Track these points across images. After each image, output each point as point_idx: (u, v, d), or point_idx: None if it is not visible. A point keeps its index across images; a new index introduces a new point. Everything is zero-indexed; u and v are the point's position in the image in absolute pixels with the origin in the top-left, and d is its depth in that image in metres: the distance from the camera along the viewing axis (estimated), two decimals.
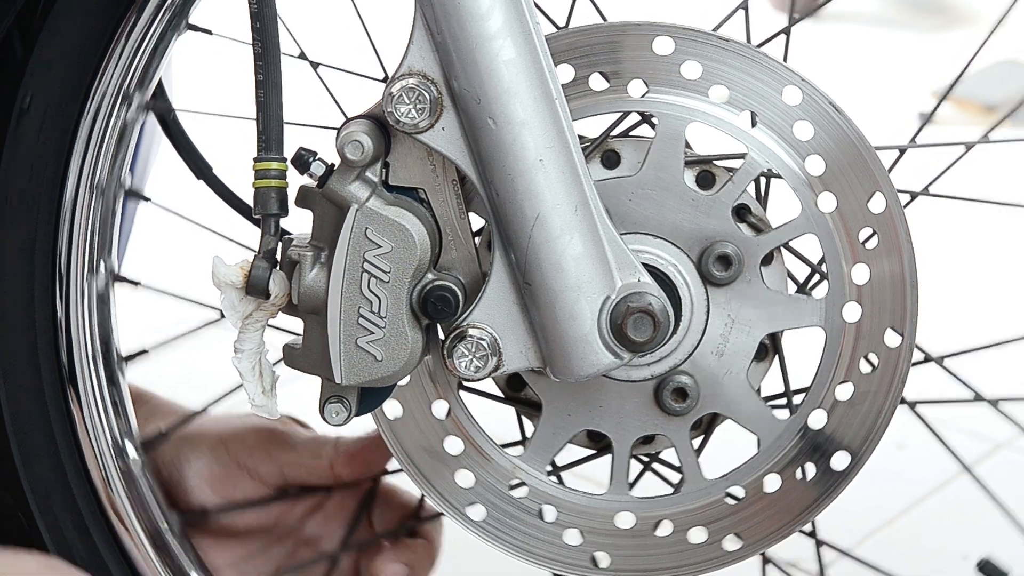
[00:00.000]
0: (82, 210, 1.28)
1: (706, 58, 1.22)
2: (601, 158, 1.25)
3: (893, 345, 1.24)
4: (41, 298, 1.28)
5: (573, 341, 1.17)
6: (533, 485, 1.28)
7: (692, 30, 1.22)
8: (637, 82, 1.22)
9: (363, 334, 1.17)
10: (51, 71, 1.25)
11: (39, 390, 1.30)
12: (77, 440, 1.32)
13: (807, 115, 1.22)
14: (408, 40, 1.15)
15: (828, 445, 1.26)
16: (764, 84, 1.22)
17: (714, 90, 1.22)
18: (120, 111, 1.27)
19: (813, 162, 1.23)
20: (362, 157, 1.16)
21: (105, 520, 1.33)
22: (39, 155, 1.26)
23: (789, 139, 1.23)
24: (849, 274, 1.24)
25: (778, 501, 1.27)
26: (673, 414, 1.26)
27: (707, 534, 1.28)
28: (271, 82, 1.18)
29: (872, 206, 1.23)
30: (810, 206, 1.23)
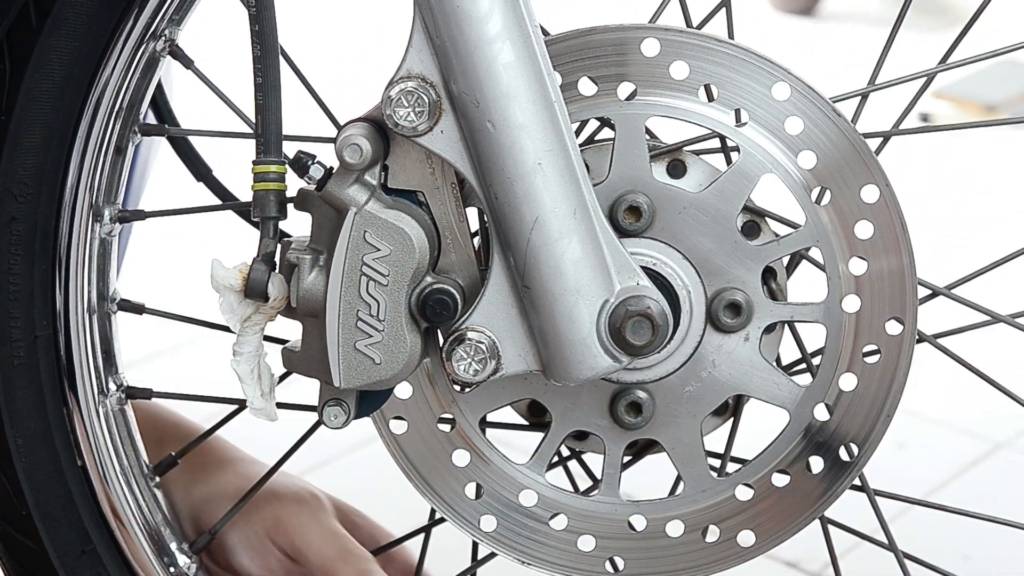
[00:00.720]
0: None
1: (810, 119, 1.22)
2: (668, 165, 1.25)
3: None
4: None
5: (571, 344, 1.17)
6: (462, 427, 1.28)
7: (810, 87, 1.22)
8: (742, 112, 1.23)
9: (362, 337, 1.17)
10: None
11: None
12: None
13: (873, 217, 1.23)
14: (407, 43, 1.15)
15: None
16: (853, 178, 1.23)
17: (803, 156, 1.23)
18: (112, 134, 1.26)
19: (856, 264, 1.24)
20: (360, 160, 1.16)
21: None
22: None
23: (849, 237, 1.23)
24: (837, 380, 1.26)
25: (677, 548, 1.29)
26: (619, 424, 1.26)
27: (595, 542, 1.29)
28: (270, 85, 1.18)
29: (889, 328, 1.25)
30: (835, 305, 1.24)
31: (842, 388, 1.26)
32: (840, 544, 1.35)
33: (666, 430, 1.26)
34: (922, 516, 1.87)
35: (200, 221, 1.53)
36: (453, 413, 1.28)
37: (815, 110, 1.22)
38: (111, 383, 1.30)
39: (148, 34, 1.23)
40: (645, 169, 1.22)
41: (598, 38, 1.22)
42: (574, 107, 1.22)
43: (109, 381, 1.30)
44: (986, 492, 2.09)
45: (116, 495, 1.30)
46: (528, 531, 1.29)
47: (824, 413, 1.26)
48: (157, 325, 1.41)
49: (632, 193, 1.22)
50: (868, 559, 1.37)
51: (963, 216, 2.96)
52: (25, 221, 1.24)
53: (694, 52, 1.22)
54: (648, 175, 1.22)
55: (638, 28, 1.22)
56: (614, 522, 1.29)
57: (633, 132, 1.22)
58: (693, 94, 1.22)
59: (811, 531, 1.30)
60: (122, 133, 1.26)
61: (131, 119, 1.26)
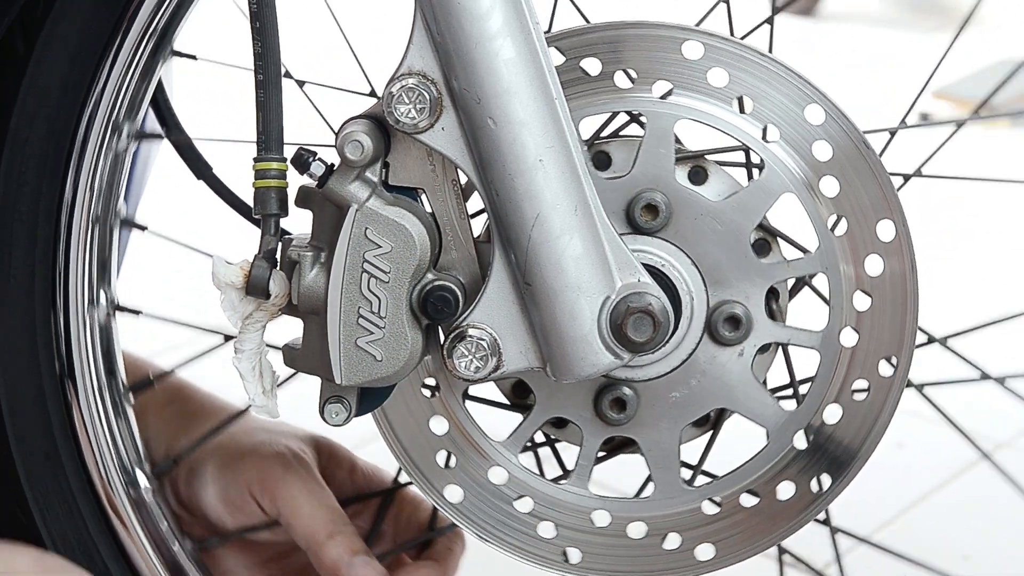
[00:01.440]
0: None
1: (839, 146, 1.23)
2: (690, 170, 1.25)
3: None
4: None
5: (573, 341, 1.17)
6: (445, 396, 1.28)
7: (844, 115, 1.22)
8: (772, 128, 1.23)
9: (363, 334, 1.17)
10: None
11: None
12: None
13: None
14: (408, 40, 1.15)
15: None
16: (872, 212, 1.23)
17: (826, 182, 1.23)
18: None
19: (860, 298, 1.24)
20: (362, 157, 1.16)
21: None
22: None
23: (858, 270, 1.24)
24: (823, 410, 1.26)
25: (635, 549, 1.29)
26: (601, 418, 1.26)
27: (555, 530, 1.29)
28: (271, 82, 1.18)
29: (881, 368, 1.25)
30: (833, 336, 1.25)
31: (825, 420, 1.26)
32: (840, 544, 1.35)
33: (646, 431, 1.27)
34: (922, 516, 1.88)
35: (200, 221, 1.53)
36: (438, 380, 1.28)
37: (845, 139, 1.22)
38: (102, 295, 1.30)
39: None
40: (669, 170, 1.22)
41: (640, 32, 1.22)
42: (607, 97, 1.22)
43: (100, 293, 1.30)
44: (986, 492, 2.09)
45: (87, 410, 1.30)
46: (492, 508, 1.29)
47: (803, 441, 1.27)
48: (156, 324, 1.41)
49: (652, 191, 1.22)
50: (867, 560, 1.37)
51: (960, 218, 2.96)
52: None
53: (736, 62, 1.22)
54: (671, 176, 1.22)
55: (683, 29, 1.22)
56: (578, 514, 1.29)
57: (663, 131, 1.22)
58: (727, 103, 1.22)
59: (811, 531, 1.30)
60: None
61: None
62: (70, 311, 1.28)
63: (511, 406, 1.33)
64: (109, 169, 1.28)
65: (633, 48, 1.22)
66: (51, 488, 1.31)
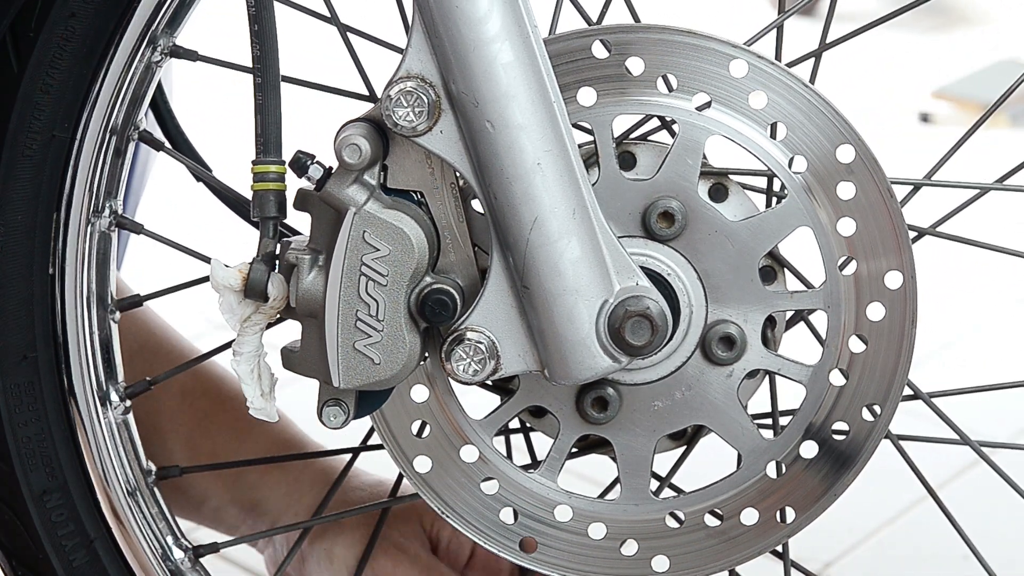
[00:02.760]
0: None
1: (863, 189, 1.23)
2: (712, 186, 1.25)
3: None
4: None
5: (571, 345, 1.17)
6: (428, 365, 1.27)
7: (875, 159, 1.22)
8: (800, 159, 1.23)
9: (361, 337, 1.17)
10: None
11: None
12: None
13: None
14: (406, 43, 1.15)
15: None
16: (883, 259, 1.24)
17: (844, 222, 1.23)
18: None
19: (855, 342, 1.25)
20: (360, 160, 1.16)
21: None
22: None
23: (859, 313, 1.24)
24: (799, 445, 1.26)
25: (591, 550, 1.30)
26: (581, 414, 1.26)
27: (516, 517, 1.30)
28: (269, 85, 1.18)
29: (864, 414, 1.26)
30: (823, 374, 1.25)
31: (802, 454, 1.27)
32: (839, 544, 1.35)
33: (622, 435, 1.26)
34: (922, 516, 1.88)
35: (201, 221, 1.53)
36: (428, 350, 1.27)
37: (870, 183, 1.22)
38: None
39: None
40: (692, 182, 1.22)
41: (691, 41, 1.21)
42: (644, 99, 1.22)
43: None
44: (986, 492, 2.09)
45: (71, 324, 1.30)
46: (458, 485, 1.29)
47: (774, 471, 1.27)
48: None
49: (672, 199, 1.22)
50: (868, 559, 1.37)
51: None
52: None
53: (778, 87, 1.21)
54: (693, 187, 1.22)
55: (733, 46, 1.21)
56: (542, 505, 1.28)
57: (694, 142, 1.21)
58: (761, 127, 1.22)
59: (812, 531, 1.30)
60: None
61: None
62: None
63: (492, 387, 1.32)
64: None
65: (680, 55, 1.21)
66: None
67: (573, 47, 1.22)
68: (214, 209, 1.48)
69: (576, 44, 1.22)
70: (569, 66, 1.22)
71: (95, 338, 1.29)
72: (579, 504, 1.28)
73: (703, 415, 1.26)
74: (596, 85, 1.22)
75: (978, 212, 1.37)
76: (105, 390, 1.30)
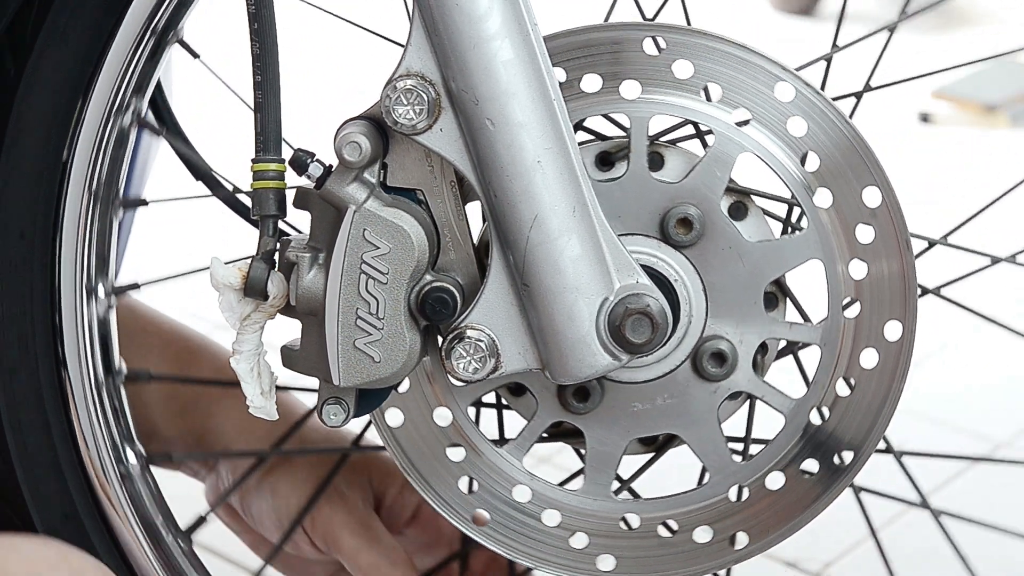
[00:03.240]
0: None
1: (881, 233, 1.23)
2: (733, 203, 1.24)
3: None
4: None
5: (571, 342, 1.17)
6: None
7: (899, 207, 1.22)
8: (826, 193, 1.22)
9: (361, 335, 1.17)
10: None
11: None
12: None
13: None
14: (406, 41, 1.15)
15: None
16: (887, 308, 1.24)
17: (856, 264, 1.23)
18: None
19: (842, 385, 1.25)
20: (360, 158, 1.16)
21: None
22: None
23: (853, 357, 1.24)
24: (766, 475, 1.26)
25: (542, 535, 1.30)
26: (561, 401, 1.26)
27: (474, 487, 1.29)
28: (269, 83, 1.18)
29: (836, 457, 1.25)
30: (804, 410, 1.25)
31: (767, 485, 1.27)
32: (839, 544, 1.35)
33: (597, 429, 1.26)
34: (922, 516, 1.88)
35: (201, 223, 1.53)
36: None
37: (891, 231, 1.22)
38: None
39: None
40: (717, 194, 1.21)
41: (744, 56, 1.21)
42: (686, 104, 1.22)
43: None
44: (986, 492, 2.09)
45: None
46: (425, 445, 1.28)
47: (735, 495, 1.27)
48: None
49: (693, 207, 1.21)
50: (868, 559, 1.37)
51: None
52: None
53: (818, 116, 1.21)
54: (716, 200, 1.21)
55: (784, 68, 1.21)
56: (503, 481, 1.28)
57: (726, 156, 1.21)
58: (796, 154, 1.22)
59: (812, 531, 1.30)
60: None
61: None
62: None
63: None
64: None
65: (729, 67, 1.21)
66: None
67: (624, 38, 1.21)
68: (213, 207, 1.48)
69: (629, 36, 1.21)
70: (618, 56, 1.21)
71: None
72: (539, 487, 1.28)
73: (680, 425, 1.26)
74: (642, 81, 1.21)
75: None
76: (94, 285, 1.30)
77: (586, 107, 1.22)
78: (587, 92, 1.22)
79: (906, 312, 1.23)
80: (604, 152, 1.25)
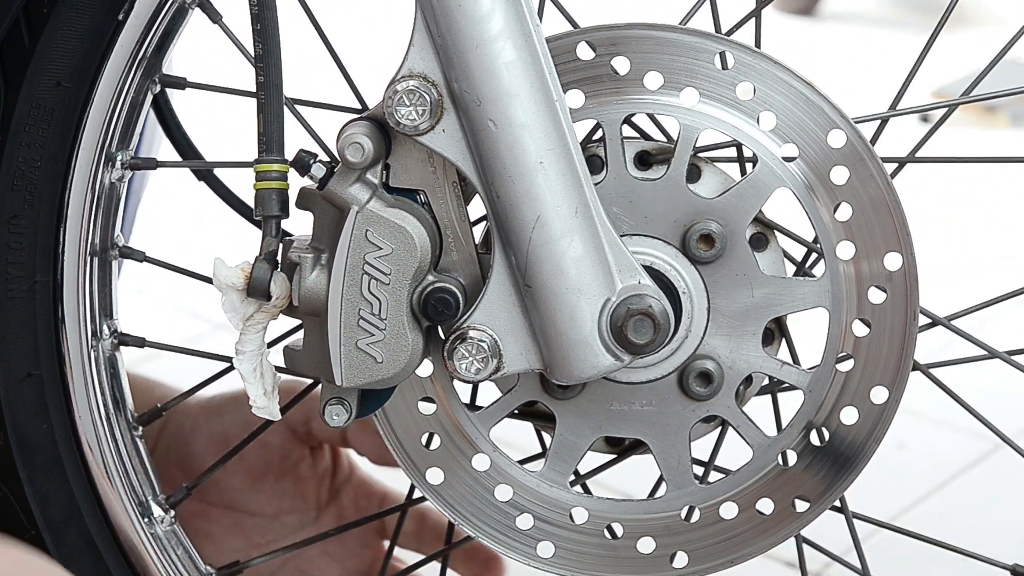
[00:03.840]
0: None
1: (890, 300, 1.23)
2: (755, 232, 1.25)
3: None
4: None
5: (573, 343, 1.17)
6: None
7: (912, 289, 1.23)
8: (848, 246, 1.23)
9: (363, 336, 1.17)
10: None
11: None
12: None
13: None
14: (409, 42, 1.15)
15: None
16: (877, 374, 1.24)
17: (858, 325, 1.23)
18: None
19: (815, 435, 1.25)
20: (362, 159, 1.16)
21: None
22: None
23: (833, 413, 1.25)
24: (721, 504, 1.27)
25: (489, 508, 1.30)
26: (544, 383, 1.26)
27: (437, 443, 1.29)
28: (272, 84, 1.18)
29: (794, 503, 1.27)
30: (775, 450, 1.26)
31: (722, 514, 1.27)
32: (839, 544, 1.35)
33: (568, 417, 1.27)
34: (922, 516, 1.88)
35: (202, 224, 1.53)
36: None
37: (901, 296, 1.22)
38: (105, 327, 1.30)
39: None
40: (745, 219, 1.21)
41: (807, 94, 1.21)
42: (738, 126, 1.21)
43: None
44: (986, 492, 2.09)
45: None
46: (401, 398, 1.28)
47: (685, 513, 1.28)
48: (156, 324, 1.41)
49: (720, 226, 1.21)
50: (868, 559, 1.37)
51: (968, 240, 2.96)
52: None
53: (862, 173, 1.21)
54: (743, 225, 1.21)
55: (842, 116, 1.21)
56: (465, 446, 1.28)
57: (766, 186, 1.21)
58: (829, 202, 1.21)
59: (812, 531, 1.30)
60: None
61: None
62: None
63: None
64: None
65: (790, 100, 1.21)
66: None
67: (699, 47, 1.21)
68: (216, 208, 1.48)
69: (704, 47, 1.21)
70: (686, 62, 1.21)
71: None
72: (499, 461, 1.28)
73: (651, 434, 1.26)
74: (702, 92, 1.21)
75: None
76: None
77: (641, 104, 1.22)
78: (649, 88, 1.22)
79: (895, 381, 1.24)
80: (644, 152, 1.25)
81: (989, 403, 2.17)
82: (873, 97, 1.31)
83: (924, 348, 1.25)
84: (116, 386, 1.31)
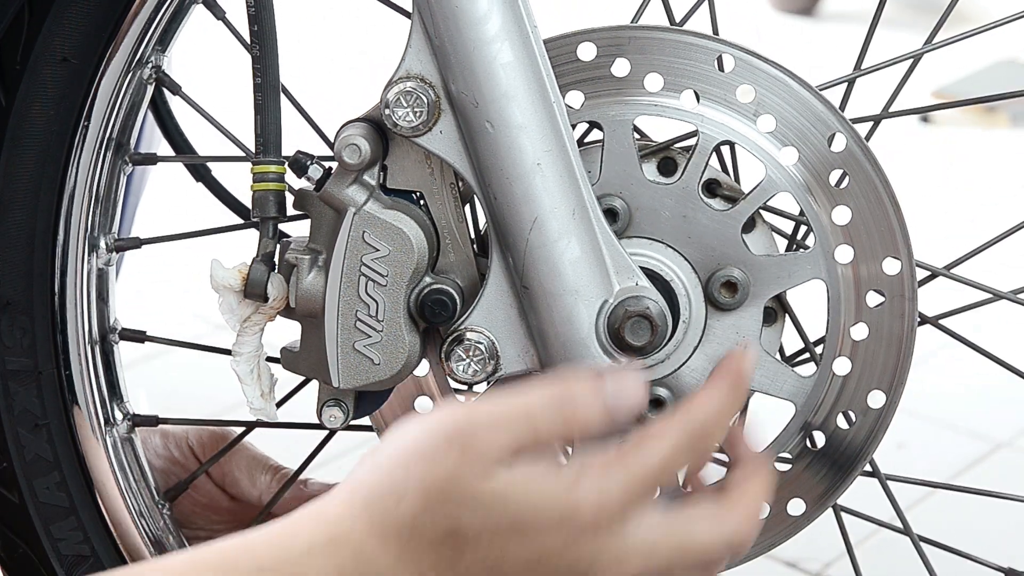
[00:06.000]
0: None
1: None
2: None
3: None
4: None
5: (571, 345, 1.17)
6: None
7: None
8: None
9: (360, 337, 1.17)
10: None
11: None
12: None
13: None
14: (406, 43, 1.15)
15: None
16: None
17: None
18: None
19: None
20: (359, 160, 1.16)
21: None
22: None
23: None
24: None
25: None
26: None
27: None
28: (269, 85, 1.19)
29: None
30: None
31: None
32: (839, 544, 1.36)
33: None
34: (922, 516, 1.88)
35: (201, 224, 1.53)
36: None
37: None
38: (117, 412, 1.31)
39: None
40: (761, 302, 1.21)
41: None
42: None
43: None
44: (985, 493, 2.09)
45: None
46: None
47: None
48: (155, 324, 1.41)
49: (743, 278, 1.21)
50: (868, 559, 1.38)
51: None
52: None
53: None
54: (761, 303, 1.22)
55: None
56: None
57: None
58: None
59: (812, 531, 1.30)
60: None
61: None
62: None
63: None
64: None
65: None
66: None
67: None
68: (214, 209, 1.48)
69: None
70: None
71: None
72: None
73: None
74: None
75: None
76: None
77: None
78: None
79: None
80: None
81: (989, 403, 2.17)
82: (873, 96, 1.31)
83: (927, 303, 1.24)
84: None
